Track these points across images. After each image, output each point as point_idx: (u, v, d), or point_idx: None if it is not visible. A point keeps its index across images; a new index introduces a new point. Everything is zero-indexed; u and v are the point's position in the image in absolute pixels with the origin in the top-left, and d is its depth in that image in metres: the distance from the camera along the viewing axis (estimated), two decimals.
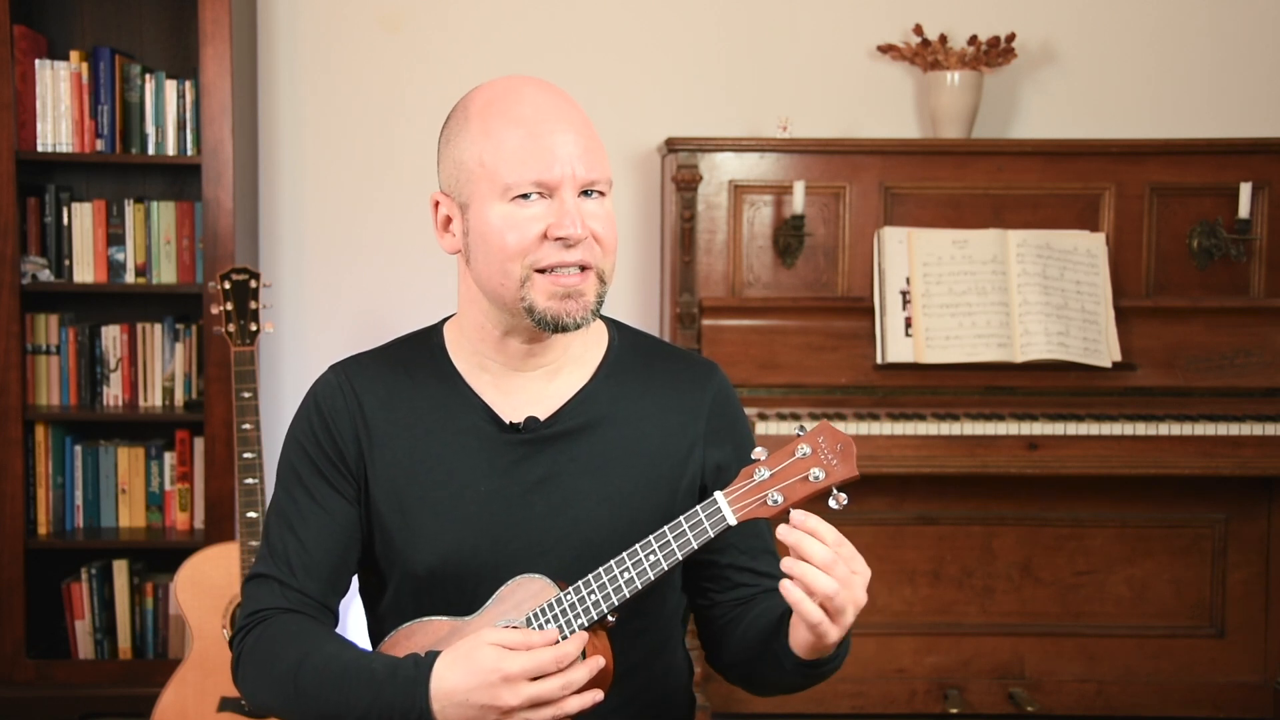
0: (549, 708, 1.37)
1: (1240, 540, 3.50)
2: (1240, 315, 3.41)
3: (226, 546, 3.02)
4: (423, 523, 1.53)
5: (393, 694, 1.40)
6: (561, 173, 1.47)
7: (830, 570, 1.34)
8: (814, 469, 1.37)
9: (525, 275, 1.48)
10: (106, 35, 3.61)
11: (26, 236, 3.48)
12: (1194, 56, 3.79)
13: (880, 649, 3.52)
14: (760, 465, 1.38)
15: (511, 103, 1.51)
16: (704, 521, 1.38)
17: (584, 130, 1.51)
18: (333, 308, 3.79)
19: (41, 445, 3.50)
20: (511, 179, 1.47)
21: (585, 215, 1.48)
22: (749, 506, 1.38)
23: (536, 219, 1.47)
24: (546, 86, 1.54)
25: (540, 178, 1.46)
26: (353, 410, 1.57)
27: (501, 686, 1.36)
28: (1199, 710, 3.52)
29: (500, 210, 1.48)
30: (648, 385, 1.59)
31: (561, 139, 1.48)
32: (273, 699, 1.50)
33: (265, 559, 1.57)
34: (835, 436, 1.38)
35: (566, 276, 1.48)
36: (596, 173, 1.49)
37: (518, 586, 1.46)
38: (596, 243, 1.49)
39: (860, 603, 1.36)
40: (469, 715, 1.37)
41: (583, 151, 1.48)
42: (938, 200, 3.48)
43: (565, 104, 1.52)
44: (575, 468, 1.54)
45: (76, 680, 3.47)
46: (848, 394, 3.36)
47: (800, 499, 1.37)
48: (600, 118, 3.77)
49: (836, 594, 1.34)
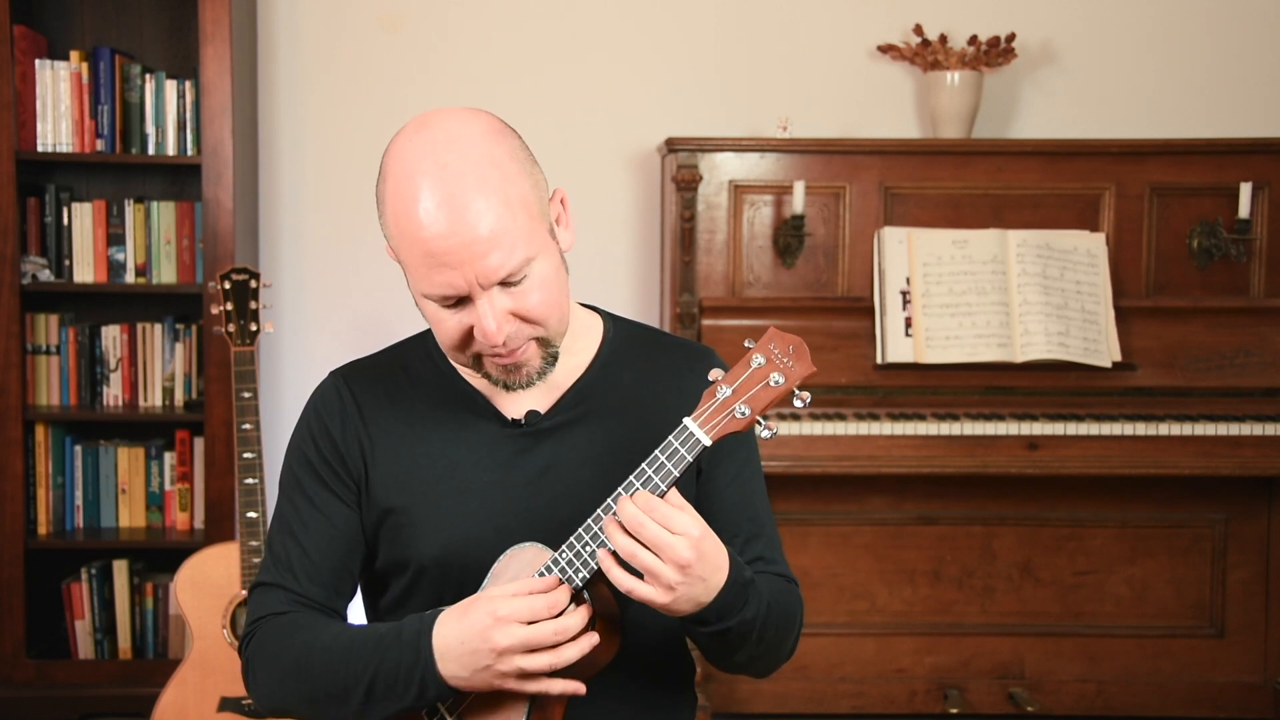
0: (545, 654, 1.38)
1: (1240, 540, 3.50)
2: (1240, 315, 3.41)
3: (226, 546, 3.02)
4: (425, 516, 1.54)
5: (399, 653, 1.42)
6: (467, 283, 1.40)
7: (637, 532, 1.35)
8: (773, 374, 1.39)
9: (468, 360, 1.50)
10: (106, 35, 3.61)
11: (26, 236, 3.48)
12: (1194, 56, 3.79)
13: (880, 649, 3.52)
14: (720, 384, 1.40)
15: (411, 200, 1.40)
16: (680, 449, 1.39)
17: (492, 215, 1.39)
18: (333, 308, 3.79)
19: (41, 445, 3.50)
20: (424, 289, 1.44)
21: (511, 302, 1.43)
22: (719, 424, 1.39)
23: (460, 321, 1.45)
24: (447, 162, 1.39)
25: (447, 294, 1.42)
26: (352, 413, 1.58)
27: (494, 627, 1.37)
28: (1199, 710, 3.52)
29: (428, 305, 1.47)
30: (645, 373, 1.60)
31: (464, 242, 1.38)
32: (286, 691, 1.51)
33: (269, 567, 1.58)
34: (784, 339, 1.40)
35: (504, 359, 1.48)
36: (510, 265, 1.40)
37: (511, 559, 1.47)
38: (529, 321, 1.45)
39: (681, 561, 1.35)
40: (466, 662, 1.39)
41: (492, 250, 1.39)
42: (938, 200, 3.48)
43: (466, 183, 1.39)
44: (575, 457, 1.55)
45: (76, 680, 3.47)
46: (848, 394, 3.36)
47: (766, 405, 1.39)
48: (600, 117, 3.80)
49: (635, 555, 1.35)
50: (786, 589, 1.57)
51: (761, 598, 1.46)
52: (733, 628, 1.43)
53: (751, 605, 1.44)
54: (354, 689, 1.45)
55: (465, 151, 1.40)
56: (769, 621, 1.48)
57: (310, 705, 1.50)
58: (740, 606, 1.42)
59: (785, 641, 1.56)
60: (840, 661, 3.52)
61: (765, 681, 3.49)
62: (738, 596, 1.42)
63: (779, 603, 1.51)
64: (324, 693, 1.47)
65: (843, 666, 3.53)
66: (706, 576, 1.38)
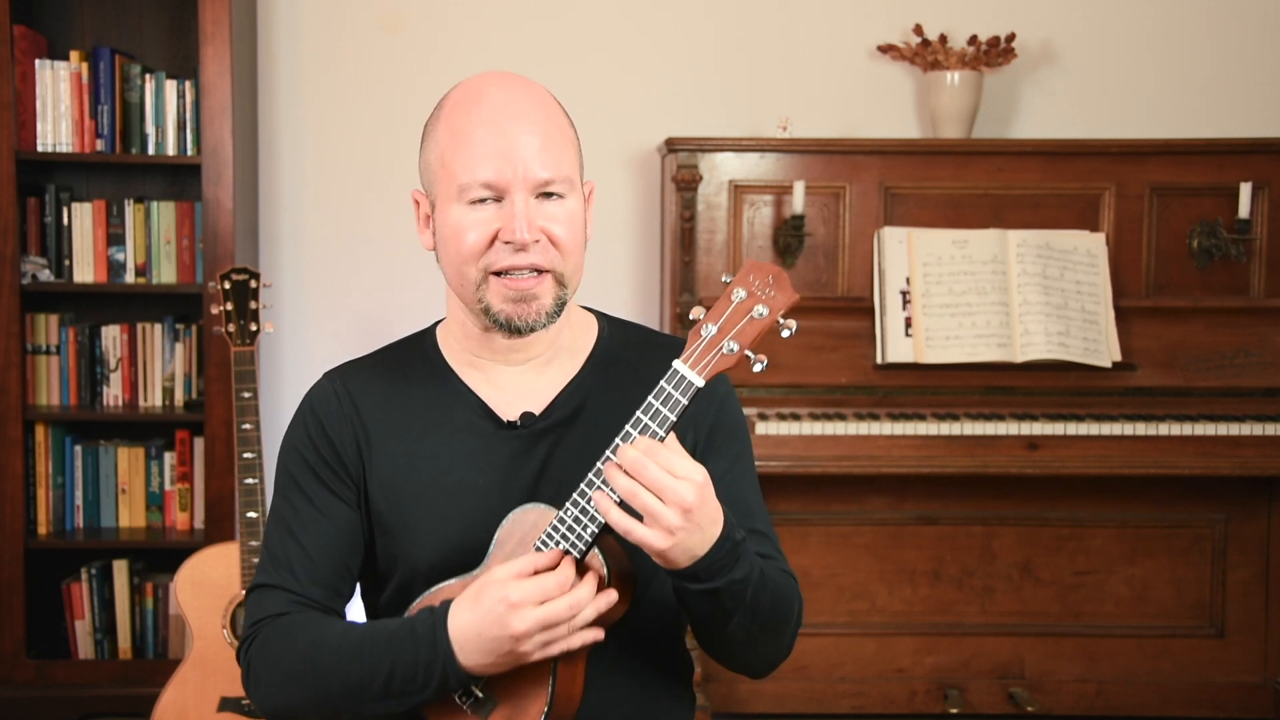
0: (562, 628, 1.38)
1: (1240, 540, 3.50)
2: (1240, 315, 3.41)
3: (226, 546, 3.02)
4: (422, 517, 1.54)
5: (414, 649, 1.42)
6: (512, 175, 1.46)
7: (639, 474, 1.34)
8: (757, 307, 1.38)
9: (480, 278, 1.50)
10: (106, 35, 3.61)
11: (26, 236, 3.48)
12: (1194, 57, 3.79)
13: (880, 649, 3.52)
14: (704, 324, 1.40)
15: (472, 103, 1.51)
16: (674, 393, 1.39)
17: (543, 130, 1.49)
18: (333, 308, 3.79)
19: (41, 445, 3.50)
20: (464, 180, 1.48)
21: (542, 217, 1.48)
22: (710, 362, 1.39)
23: (488, 222, 1.48)
24: (513, 84, 1.52)
25: (489, 179, 1.47)
26: (349, 413, 1.58)
27: (510, 614, 1.37)
28: (1199, 710, 3.52)
29: (457, 212, 1.49)
30: (639, 372, 1.59)
31: (515, 140, 1.47)
32: (292, 694, 1.50)
33: (267, 568, 1.57)
34: (763, 269, 1.40)
35: (520, 280, 1.49)
36: (551, 172, 1.48)
37: (515, 525, 1.47)
38: (553, 245, 1.49)
39: (685, 504, 1.34)
40: (487, 650, 1.39)
41: (538, 152, 1.47)
42: (938, 200, 3.48)
43: (527, 103, 1.51)
44: (570, 458, 1.55)
45: (76, 680, 3.47)
46: (848, 394, 3.36)
47: (754, 339, 1.39)
48: (600, 117, 3.80)
49: (635, 495, 1.34)
50: (783, 573, 1.56)
51: (754, 563, 1.45)
52: (722, 588, 1.41)
53: (742, 566, 1.43)
54: (369, 685, 1.44)
55: (531, 83, 1.54)
56: (762, 591, 1.46)
57: (318, 706, 1.49)
58: (731, 565, 1.41)
59: (781, 628, 1.53)
60: (840, 661, 3.52)
61: (765, 681, 3.48)
62: (729, 554, 1.41)
63: (773, 579, 1.50)
64: (335, 692, 1.46)
65: (843, 666, 3.53)
66: (705, 526, 1.37)
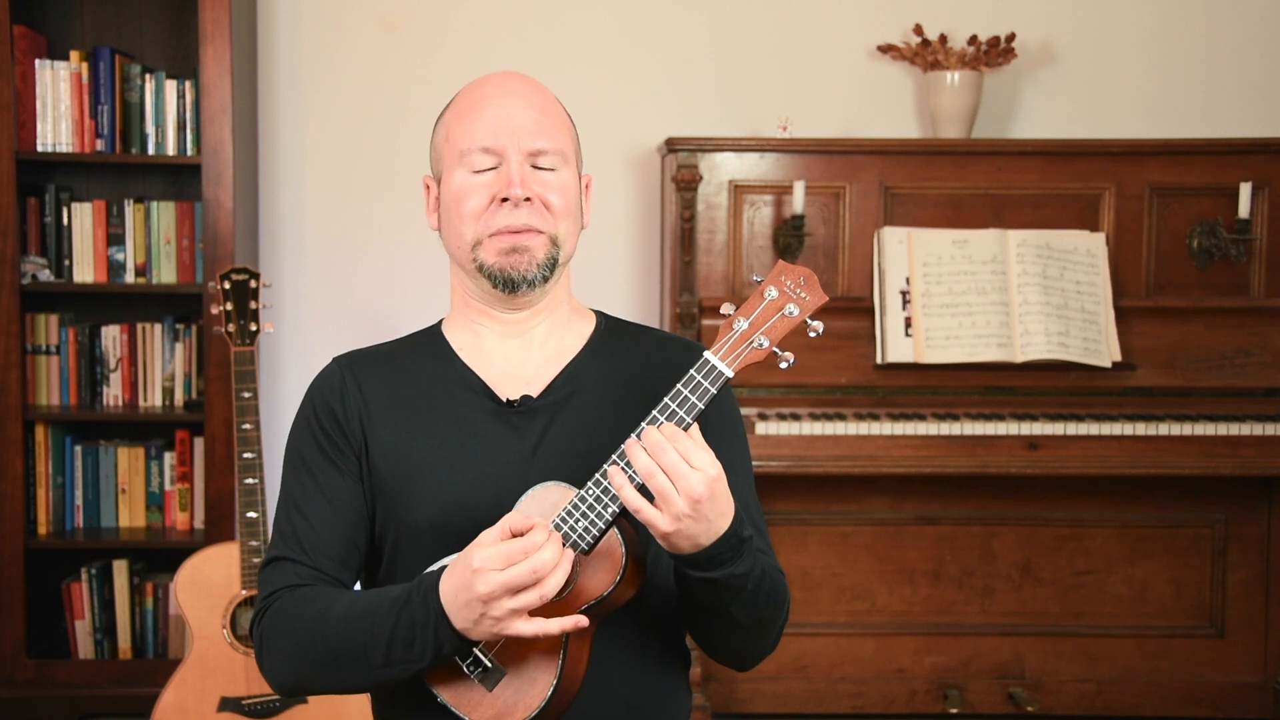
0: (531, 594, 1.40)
1: (1240, 540, 3.50)
2: (1240, 315, 3.41)
3: (226, 546, 3.01)
4: (422, 483, 1.59)
5: (411, 613, 1.47)
6: (509, 140, 1.58)
7: (658, 456, 1.38)
8: (788, 306, 1.43)
9: (478, 239, 1.59)
10: (106, 35, 3.61)
11: (26, 236, 3.48)
12: (1194, 56, 3.79)
13: (880, 649, 3.52)
14: (736, 318, 1.44)
15: (475, 87, 1.65)
16: (703, 382, 1.43)
17: (538, 106, 1.62)
18: (333, 308, 3.79)
19: (41, 445, 3.50)
20: (465, 145, 1.60)
21: (536, 182, 1.58)
22: (741, 355, 1.43)
23: (487, 186, 1.59)
24: (515, 74, 1.66)
25: (486, 143, 1.58)
26: (353, 391, 1.64)
27: (474, 578, 1.41)
28: (1199, 710, 3.53)
29: (460, 177, 1.60)
30: (635, 357, 1.66)
31: (512, 112, 1.60)
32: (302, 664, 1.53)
33: (277, 543, 1.62)
34: (794, 271, 1.45)
35: (514, 233, 1.58)
36: (544, 142, 1.59)
37: (534, 500, 1.50)
38: (547, 209, 1.59)
39: (694, 494, 1.38)
40: (465, 614, 1.43)
41: (532, 123, 1.59)
42: (938, 200, 3.48)
43: (527, 85, 1.64)
44: (569, 431, 1.60)
45: (76, 680, 3.46)
46: (848, 394, 3.36)
47: (783, 336, 1.43)
48: (600, 117, 3.80)
49: (652, 476, 1.38)
50: (776, 570, 1.59)
51: (756, 561, 1.50)
52: (721, 579, 1.45)
53: (744, 562, 1.47)
54: (373, 651, 1.48)
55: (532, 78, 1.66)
56: (761, 586, 1.51)
57: (327, 673, 1.53)
58: (734, 560, 1.45)
59: (770, 624, 1.58)
60: (840, 661, 3.53)
61: (765, 681, 3.49)
62: (733, 550, 1.45)
63: (770, 577, 1.54)
64: (343, 658, 1.50)
65: (843, 666, 3.53)
66: (712, 519, 1.41)
